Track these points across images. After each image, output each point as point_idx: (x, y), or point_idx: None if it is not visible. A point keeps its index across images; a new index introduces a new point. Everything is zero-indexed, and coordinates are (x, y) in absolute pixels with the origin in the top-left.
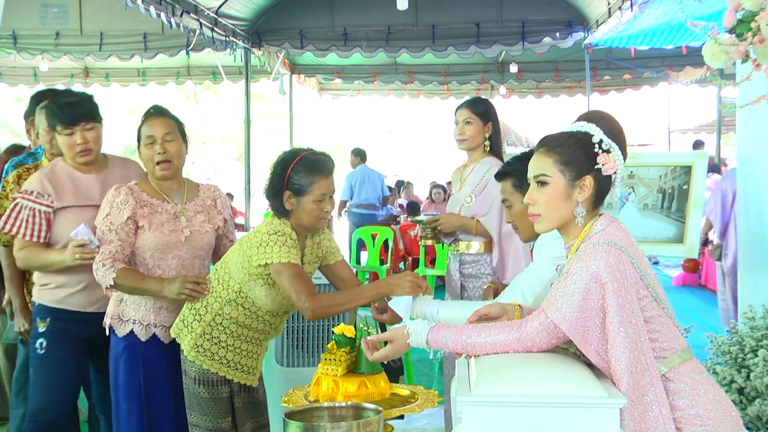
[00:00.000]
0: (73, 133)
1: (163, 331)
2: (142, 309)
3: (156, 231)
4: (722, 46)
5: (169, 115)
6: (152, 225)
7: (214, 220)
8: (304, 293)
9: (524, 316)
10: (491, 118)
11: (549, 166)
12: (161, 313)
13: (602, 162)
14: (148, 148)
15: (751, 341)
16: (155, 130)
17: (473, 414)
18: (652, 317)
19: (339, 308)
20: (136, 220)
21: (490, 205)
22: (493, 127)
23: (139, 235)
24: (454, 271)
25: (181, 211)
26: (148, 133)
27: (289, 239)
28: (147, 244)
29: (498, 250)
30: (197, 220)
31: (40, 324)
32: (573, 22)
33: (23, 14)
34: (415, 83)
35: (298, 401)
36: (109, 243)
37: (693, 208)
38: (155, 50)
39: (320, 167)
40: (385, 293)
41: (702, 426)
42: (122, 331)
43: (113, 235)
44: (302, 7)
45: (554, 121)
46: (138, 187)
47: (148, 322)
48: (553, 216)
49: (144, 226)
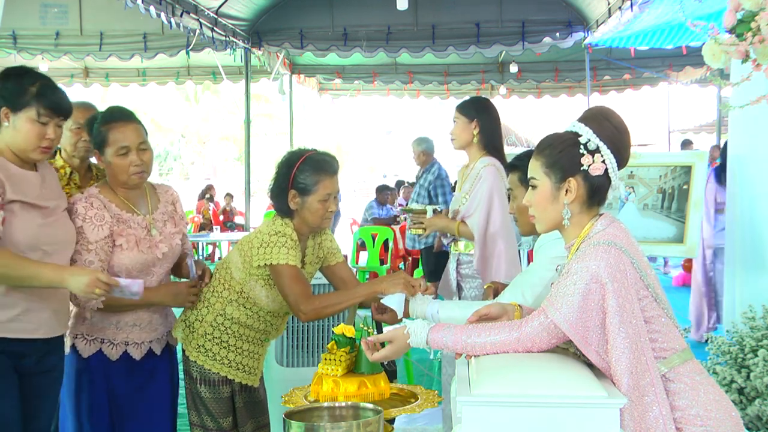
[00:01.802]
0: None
1: (136, 348)
2: (112, 327)
3: (133, 249)
4: (722, 46)
5: (137, 120)
6: (129, 243)
7: (179, 226)
8: (299, 295)
9: (524, 316)
10: (477, 115)
11: (537, 169)
12: (134, 330)
13: (587, 163)
14: (121, 158)
15: (751, 341)
16: (129, 139)
17: (473, 414)
18: (652, 317)
19: (332, 309)
20: (113, 238)
21: (476, 206)
22: (481, 124)
23: (115, 254)
24: (451, 270)
25: (151, 223)
26: (122, 142)
27: (290, 240)
28: (123, 263)
29: (479, 250)
30: (167, 231)
31: None
32: (573, 22)
33: (23, 14)
34: (415, 83)
35: (298, 401)
36: (89, 264)
37: (693, 208)
38: (155, 50)
39: (326, 167)
40: (377, 291)
41: (702, 426)
42: (88, 351)
43: (93, 255)
44: (302, 7)
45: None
46: (105, 198)
47: (119, 341)
48: (544, 218)
49: (122, 245)
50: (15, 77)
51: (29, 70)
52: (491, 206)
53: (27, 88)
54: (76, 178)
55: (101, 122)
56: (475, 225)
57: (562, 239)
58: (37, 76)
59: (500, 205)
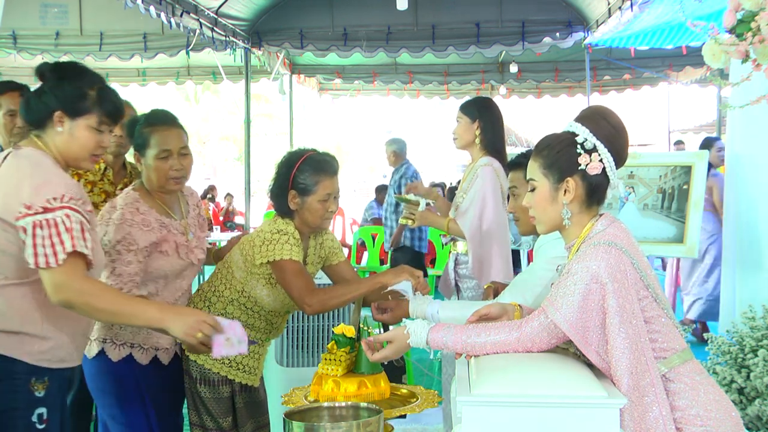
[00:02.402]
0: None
1: (165, 354)
2: (143, 332)
3: (173, 255)
4: (722, 46)
5: (180, 125)
6: (171, 248)
7: (204, 230)
8: (303, 288)
9: (524, 316)
10: (480, 115)
11: (535, 170)
12: (163, 335)
13: (584, 162)
14: (162, 162)
15: (751, 341)
16: (171, 143)
17: (473, 414)
18: (652, 317)
19: (337, 300)
20: (158, 243)
21: (470, 205)
22: (484, 124)
23: (155, 260)
24: (450, 270)
25: (186, 228)
26: (164, 146)
27: (292, 237)
28: (163, 269)
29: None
30: (200, 235)
31: (37, 387)
32: (573, 22)
33: (23, 14)
34: (415, 83)
35: (298, 401)
36: (127, 264)
37: (693, 208)
38: (155, 50)
39: (326, 167)
40: (382, 282)
41: (702, 426)
42: (117, 355)
43: (132, 256)
44: (302, 7)
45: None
46: (144, 203)
47: (149, 345)
48: (545, 219)
49: (167, 250)
50: (72, 79)
51: (85, 70)
52: (484, 205)
53: (86, 92)
54: (110, 174)
55: (144, 124)
56: (467, 223)
57: (562, 239)
58: (93, 78)
59: (494, 205)
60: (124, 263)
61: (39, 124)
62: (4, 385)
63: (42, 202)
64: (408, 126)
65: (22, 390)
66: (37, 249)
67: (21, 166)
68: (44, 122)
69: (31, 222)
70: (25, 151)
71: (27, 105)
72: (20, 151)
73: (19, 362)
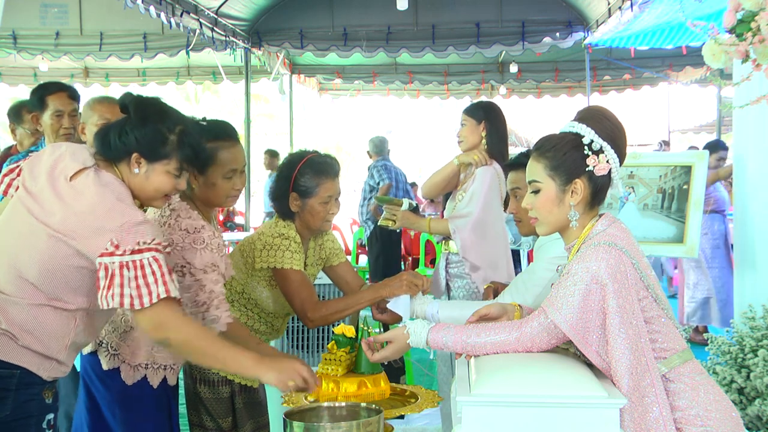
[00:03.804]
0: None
1: (172, 373)
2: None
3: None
4: (722, 46)
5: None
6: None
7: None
8: (306, 301)
9: (524, 316)
10: (486, 117)
11: (539, 171)
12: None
13: (593, 164)
14: (226, 181)
15: (751, 341)
16: (238, 162)
17: (473, 414)
18: (652, 318)
19: (339, 315)
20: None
21: (467, 203)
22: (489, 127)
23: None
24: (441, 269)
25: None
26: (232, 165)
27: (294, 243)
28: None
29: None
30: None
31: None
32: (573, 22)
33: (23, 14)
34: (415, 83)
35: (298, 401)
36: (215, 283)
37: (693, 208)
38: (155, 50)
39: (327, 169)
40: (383, 295)
41: (702, 426)
42: (132, 378)
43: (217, 275)
44: (302, 7)
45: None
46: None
47: (159, 365)
48: (549, 220)
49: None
50: (155, 121)
51: (168, 111)
52: (484, 205)
53: (167, 136)
54: None
55: (207, 138)
56: (466, 223)
57: (562, 240)
58: (176, 120)
59: (493, 205)
60: (212, 281)
61: (115, 160)
62: (22, 394)
63: (132, 244)
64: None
65: (37, 398)
66: (124, 290)
67: (105, 195)
68: (121, 159)
69: (117, 262)
70: (106, 177)
71: (104, 140)
72: (102, 175)
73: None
